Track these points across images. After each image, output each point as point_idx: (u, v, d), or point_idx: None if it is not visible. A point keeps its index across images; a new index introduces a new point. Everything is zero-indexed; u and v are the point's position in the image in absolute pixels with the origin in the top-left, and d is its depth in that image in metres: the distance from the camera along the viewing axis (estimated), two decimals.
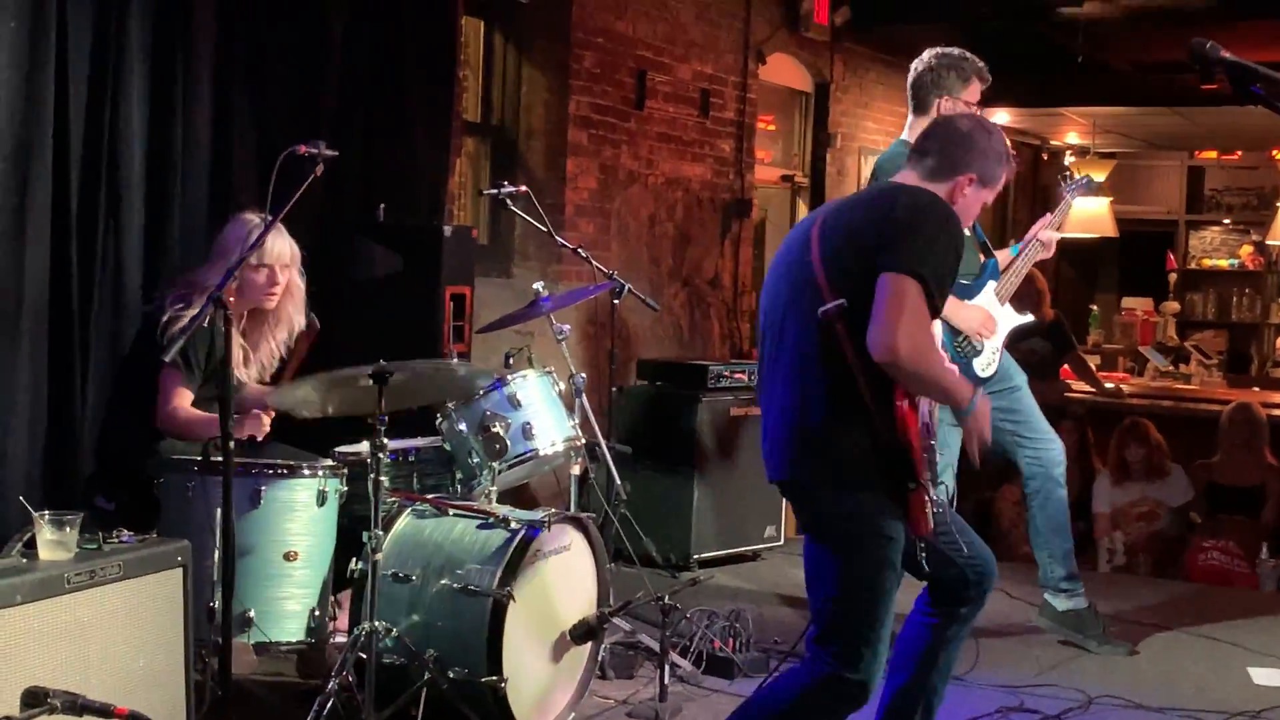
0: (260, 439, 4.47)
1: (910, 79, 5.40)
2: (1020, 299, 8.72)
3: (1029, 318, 5.49)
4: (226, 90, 5.60)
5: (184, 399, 4.46)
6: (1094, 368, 10.37)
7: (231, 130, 5.62)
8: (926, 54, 5.33)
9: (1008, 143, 3.73)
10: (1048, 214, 5.64)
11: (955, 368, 3.62)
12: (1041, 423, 5.57)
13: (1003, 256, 5.48)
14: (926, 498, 3.44)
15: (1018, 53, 11.08)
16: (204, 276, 4.51)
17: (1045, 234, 5.51)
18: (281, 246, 4.61)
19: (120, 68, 5.13)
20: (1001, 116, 11.69)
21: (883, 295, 3.32)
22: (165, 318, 4.43)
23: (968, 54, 5.35)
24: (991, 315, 5.22)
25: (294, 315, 4.75)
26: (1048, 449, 5.55)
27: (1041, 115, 11.77)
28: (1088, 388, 9.45)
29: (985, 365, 5.26)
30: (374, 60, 6.22)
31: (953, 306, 5.21)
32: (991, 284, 5.31)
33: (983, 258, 5.36)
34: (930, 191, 3.58)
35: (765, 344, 3.65)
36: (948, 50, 5.34)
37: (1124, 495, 8.07)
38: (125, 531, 3.64)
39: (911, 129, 5.33)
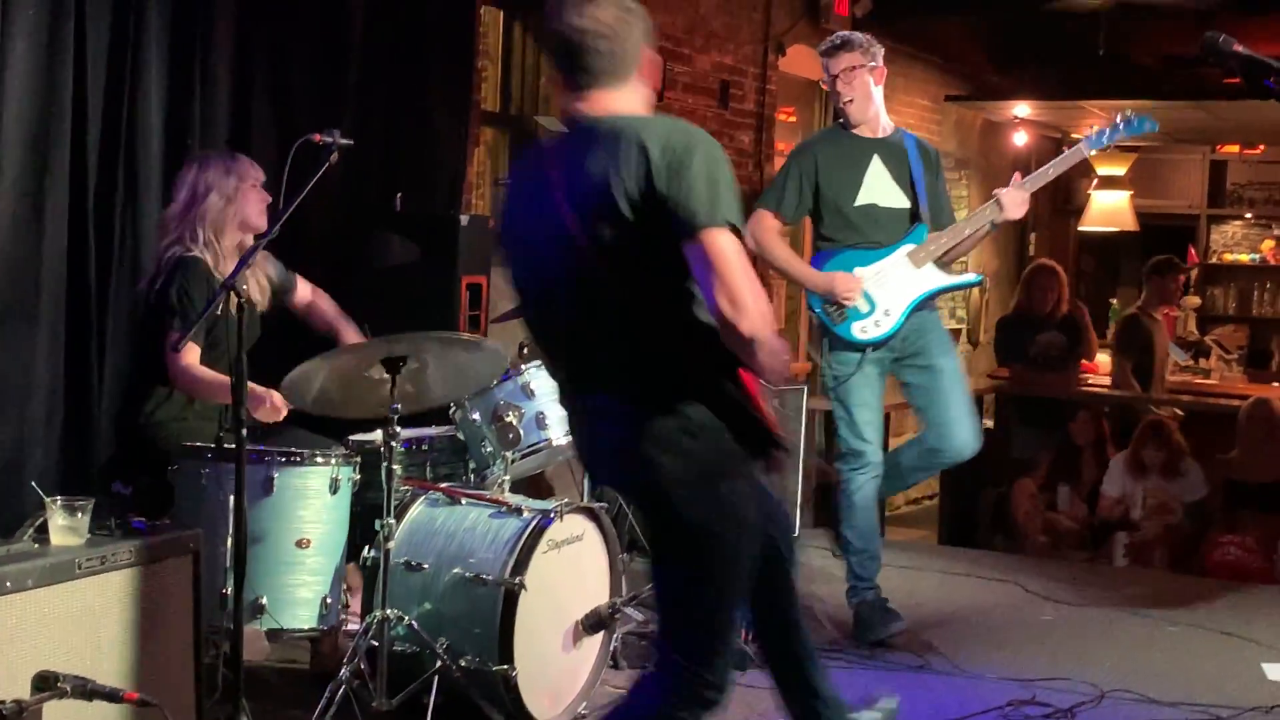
0: (276, 422, 4.48)
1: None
2: (1037, 290, 8.78)
3: (967, 278, 5.71)
4: (246, 76, 5.61)
5: (190, 354, 4.46)
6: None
7: (250, 116, 5.63)
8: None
9: None
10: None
11: None
12: (948, 412, 5.46)
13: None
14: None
15: (1039, 45, 11.08)
16: (182, 211, 4.60)
17: (1006, 192, 5.40)
18: (259, 168, 4.70)
19: (139, 52, 5.14)
20: (1023, 109, 11.67)
21: (706, 259, 2.90)
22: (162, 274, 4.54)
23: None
24: (850, 277, 5.33)
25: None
26: (943, 441, 5.48)
27: (1063, 108, 11.71)
28: (1103, 381, 9.47)
29: (866, 328, 5.37)
30: (394, 49, 6.22)
31: (801, 271, 5.50)
32: (906, 246, 5.41)
33: (911, 224, 5.47)
34: (669, 117, 3.19)
35: (541, 326, 3.27)
36: None
37: (1137, 486, 8.05)
38: (137, 517, 3.65)
39: None
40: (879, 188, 5.47)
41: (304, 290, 4.98)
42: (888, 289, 5.39)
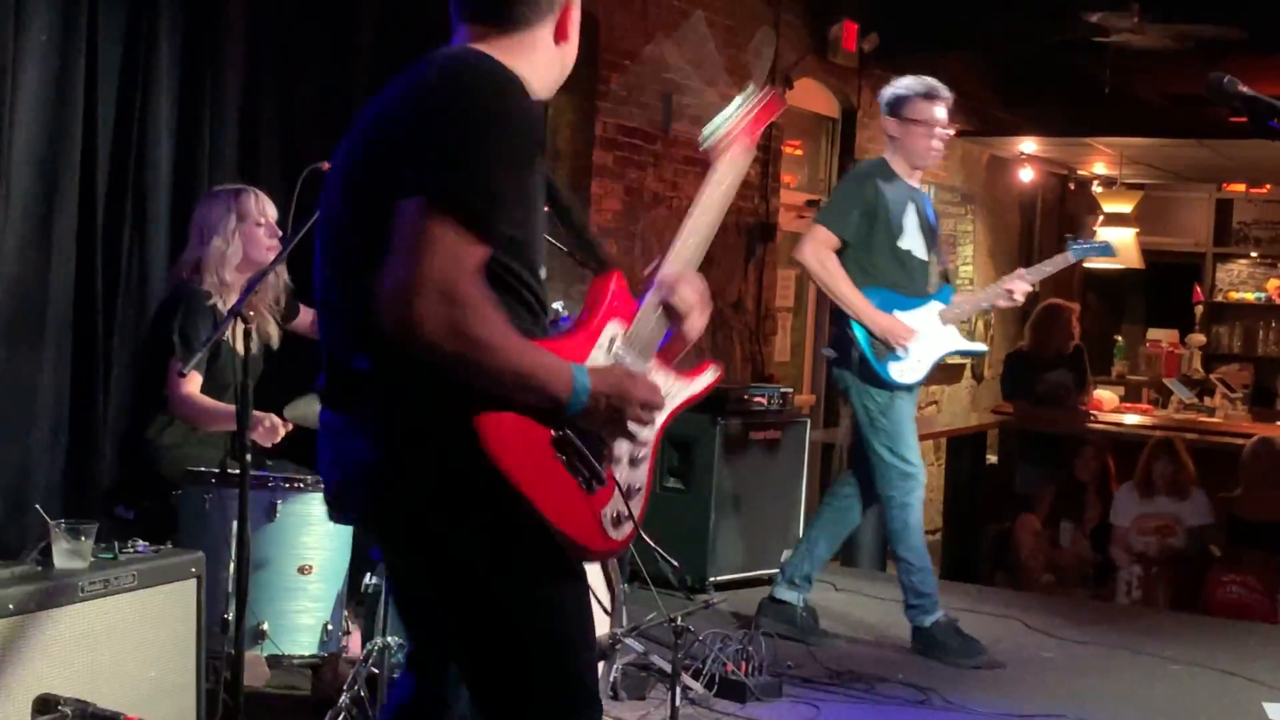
0: (271, 445, 4.46)
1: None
2: (1045, 333, 8.82)
3: (979, 346, 5.85)
4: (254, 106, 5.65)
5: (191, 383, 4.47)
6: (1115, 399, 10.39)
7: (258, 144, 5.67)
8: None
9: None
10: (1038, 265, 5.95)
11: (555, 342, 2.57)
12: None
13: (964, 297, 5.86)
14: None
15: (1046, 82, 11.11)
16: (191, 254, 4.59)
17: (1016, 284, 5.70)
18: (269, 203, 4.70)
19: (149, 82, 5.18)
20: (1029, 145, 11.69)
21: (394, 233, 2.29)
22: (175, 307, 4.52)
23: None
24: (907, 327, 5.48)
25: (277, 273, 4.62)
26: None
27: (1069, 145, 11.74)
28: (1108, 418, 9.47)
29: (903, 371, 5.54)
30: None
31: (863, 306, 5.52)
32: (936, 304, 5.61)
33: (941, 283, 5.69)
34: (482, 56, 2.56)
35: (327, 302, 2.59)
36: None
37: (1144, 508, 8.05)
38: (140, 541, 3.66)
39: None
40: (913, 236, 5.62)
41: (305, 316, 4.98)
42: (923, 341, 5.56)
